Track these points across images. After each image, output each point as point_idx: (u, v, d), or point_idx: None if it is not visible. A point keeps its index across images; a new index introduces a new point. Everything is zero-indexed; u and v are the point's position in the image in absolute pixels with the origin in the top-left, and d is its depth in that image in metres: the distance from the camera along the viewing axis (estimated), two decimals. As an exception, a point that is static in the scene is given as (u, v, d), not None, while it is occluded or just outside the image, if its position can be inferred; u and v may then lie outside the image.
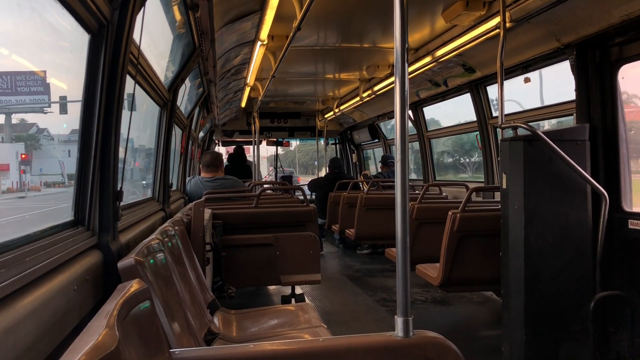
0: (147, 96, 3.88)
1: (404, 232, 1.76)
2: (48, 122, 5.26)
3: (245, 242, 4.86)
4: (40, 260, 1.65)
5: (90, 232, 2.22)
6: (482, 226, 4.47)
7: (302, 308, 3.67)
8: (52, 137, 5.15)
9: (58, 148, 5.06)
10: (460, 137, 9.15)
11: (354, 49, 6.49)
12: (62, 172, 4.98)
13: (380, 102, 9.02)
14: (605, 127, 3.86)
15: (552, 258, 3.59)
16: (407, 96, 1.78)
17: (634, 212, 3.74)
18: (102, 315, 1.42)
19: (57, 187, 5.12)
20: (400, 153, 1.77)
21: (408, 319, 1.74)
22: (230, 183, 6.23)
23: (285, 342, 2.04)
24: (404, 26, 1.76)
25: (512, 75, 5.53)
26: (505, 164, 3.73)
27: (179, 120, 5.69)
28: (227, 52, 5.70)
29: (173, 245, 3.00)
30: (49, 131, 5.19)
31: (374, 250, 8.82)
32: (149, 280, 2.06)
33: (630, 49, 3.70)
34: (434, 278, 4.68)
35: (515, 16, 4.16)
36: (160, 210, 4.28)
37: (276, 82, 7.56)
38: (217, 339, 2.96)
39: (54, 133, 5.18)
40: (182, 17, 3.67)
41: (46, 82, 3.18)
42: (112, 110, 2.26)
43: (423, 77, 6.81)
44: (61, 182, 4.93)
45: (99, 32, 2.16)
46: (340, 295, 6.29)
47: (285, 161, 35.59)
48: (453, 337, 1.81)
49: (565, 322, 3.61)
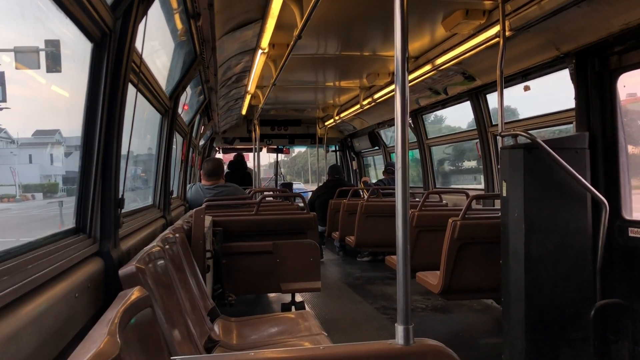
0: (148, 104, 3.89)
1: (405, 239, 1.77)
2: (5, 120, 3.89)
3: (245, 250, 4.86)
4: (42, 268, 1.66)
5: (91, 239, 2.22)
6: (483, 234, 4.47)
7: (302, 316, 3.67)
8: (11, 140, 3.83)
9: (19, 153, 3.90)
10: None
11: (355, 57, 6.52)
12: (14, 182, 3.79)
13: (380, 110, 9.04)
14: (605, 135, 3.87)
15: (552, 266, 3.59)
16: (407, 104, 1.79)
17: (634, 220, 3.74)
18: (104, 323, 1.43)
19: (5, 201, 3.75)
20: (401, 161, 1.77)
21: (408, 327, 1.74)
22: (231, 190, 6.23)
23: (286, 350, 2.04)
24: (404, 35, 1.77)
25: (512, 84, 5.55)
26: (506, 171, 3.74)
27: (179, 128, 5.71)
28: (228, 60, 5.73)
29: (174, 252, 3.01)
30: (7, 132, 3.84)
31: (374, 258, 8.81)
32: (150, 287, 2.06)
33: (629, 57, 3.72)
34: (434, 286, 4.68)
35: (515, 25, 4.18)
36: (160, 218, 4.28)
37: (277, 90, 7.58)
38: (217, 347, 2.95)
39: (22, 136, 3.89)
40: (183, 26, 3.69)
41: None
42: (114, 118, 2.27)
43: (423, 85, 6.83)
44: (12, 195, 3.77)
45: (102, 41, 2.18)
46: (340, 303, 6.27)
47: (293, 168, 34.87)
48: (453, 345, 1.80)
49: (566, 330, 3.61)
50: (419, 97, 7.56)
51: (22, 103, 2.57)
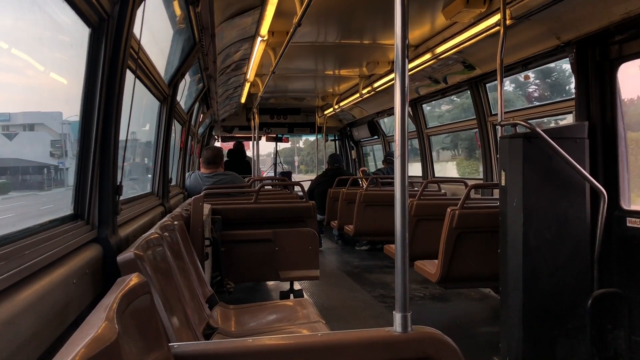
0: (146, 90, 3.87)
1: (403, 228, 1.77)
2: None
3: (244, 238, 4.87)
4: (40, 254, 1.65)
5: (89, 225, 2.22)
6: (481, 223, 4.48)
7: (300, 303, 3.68)
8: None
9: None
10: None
11: (354, 45, 6.49)
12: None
13: (380, 99, 9.01)
14: (604, 125, 3.87)
15: (550, 255, 3.60)
16: (407, 93, 1.78)
17: (633, 210, 3.75)
18: (102, 309, 1.43)
19: None
20: (400, 150, 1.77)
21: (406, 315, 1.75)
22: (230, 178, 6.24)
23: (284, 337, 2.04)
24: (404, 23, 1.76)
25: (512, 73, 5.54)
26: (505, 161, 3.74)
27: (178, 116, 5.69)
28: (227, 48, 5.70)
29: (172, 239, 3.01)
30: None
31: (372, 247, 8.84)
32: (148, 274, 2.06)
33: (630, 47, 3.70)
34: (432, 274, 4.69)
35: (516, 13, 4.16)
36: (159, 205, 4.28)
37: (276, 78, 7.56)
38: (215, 334, 2.96)
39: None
40: (182, 12, 3.66)
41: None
42: (112, 104, 2.26)
43: (423, 74, 6.81)
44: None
45: (100, 26, 2.16)
46: (338, 291, 6.30)
47: (306, 158, 33.69)
48: (451, 333, 1.81)
49: (563, 319, 3.62)
50: (418, 86, 7.54)
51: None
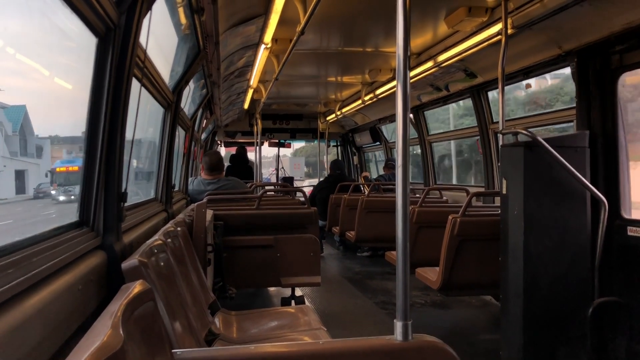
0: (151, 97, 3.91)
1: (404, 235, 1.79)
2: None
3: (246, 244, 4.88)
4: (47, 261, 1.68)
5: (94, 232, 2.24)
6: (482, 231, 4.49)
7: (302, 310, 3.70)
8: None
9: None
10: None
11: (357, 52, 6.52)
12: None
13: (382, 106, 9.04)
14: (605, 134, 3.89)
15: (551, 263, 3.61)
16: (408, 100, 1.80)
17: (633, 220, 3.76)
18: (107, 316, 1.45)
19: None
20: (402, 157, 1.79)
21: (407, 323, 1.76)
22: (232, 184, 6.26)
23: (286, 344, 2.06)
24: (406, 31, 1.78)
25: (513, 81, 5.56)
26: (506, 169, 3.76)
27: (182, 122, 5.72)
28: (231, 55, 5.74)
29: (175, 246, 3.03)
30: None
31: (374, 253, 8.83)
32: (152, 280, 2.09)
33: (630, 57, 3.72)
34: (433, 282, 4.70)
35: (517, 23, 4.19)
36: (162, 211, 4.30)
37: (279, 85, 7.59)
38: (217, 340, 2.98)
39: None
40: (187, 21, 3.70)
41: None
42: (118, 112, 2.29)
43: (425, 81, 6.84)
44: None
45: (107, 36, 2.19)
46: (339, 297, 6.31)
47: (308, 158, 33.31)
48: (451, 341, 1.83)
49: (564, 327, 3.63)
50: (420, 94, 7.57)
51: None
